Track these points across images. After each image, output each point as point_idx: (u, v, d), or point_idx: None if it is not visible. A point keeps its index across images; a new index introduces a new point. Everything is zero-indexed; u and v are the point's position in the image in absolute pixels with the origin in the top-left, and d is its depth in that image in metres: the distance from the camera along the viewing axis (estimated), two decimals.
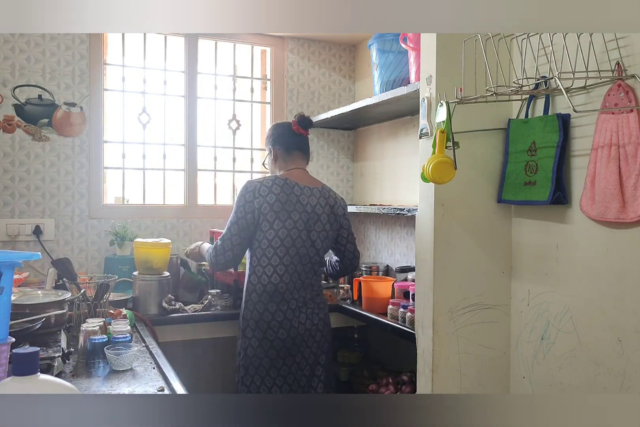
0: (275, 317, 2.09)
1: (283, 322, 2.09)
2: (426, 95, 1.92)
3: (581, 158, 1.70)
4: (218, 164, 3.14)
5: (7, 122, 2.64)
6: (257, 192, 2.09)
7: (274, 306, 2.09)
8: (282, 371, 2.10)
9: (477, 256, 1.94)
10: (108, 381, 1.51)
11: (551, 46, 1.56)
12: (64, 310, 1.93)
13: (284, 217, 2.09)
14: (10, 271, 1.26)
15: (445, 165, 1.69)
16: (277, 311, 2.09)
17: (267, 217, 2.08)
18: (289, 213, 2.10)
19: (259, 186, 2.10)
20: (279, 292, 2.09)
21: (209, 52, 3.12)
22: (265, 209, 2.07)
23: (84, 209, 2.79)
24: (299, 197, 2.13)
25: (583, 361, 1.69)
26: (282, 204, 2.09)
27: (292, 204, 2.11)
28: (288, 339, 2.09)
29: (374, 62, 2.61)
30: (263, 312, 2.09)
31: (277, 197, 2.09)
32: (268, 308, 2.09)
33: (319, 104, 3.28)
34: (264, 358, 2.08)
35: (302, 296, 2.14)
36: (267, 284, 2.09)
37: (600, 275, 1.64)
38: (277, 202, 2.08)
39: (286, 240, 2.09)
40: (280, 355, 2.09)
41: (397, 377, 2.57)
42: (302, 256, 2.13)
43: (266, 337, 2.08)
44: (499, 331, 1.96)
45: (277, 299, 2.09)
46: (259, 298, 2.10)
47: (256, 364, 2.08)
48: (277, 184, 2.12)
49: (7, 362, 1.23)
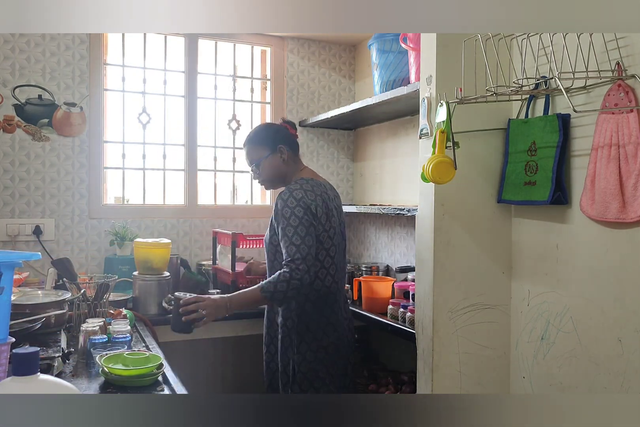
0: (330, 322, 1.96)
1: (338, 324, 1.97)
2: (426, 95, 1.92)
3: (581, 158, 1.70)
4: (218, 164, 3.15)
5: (7, 122, 2.64)
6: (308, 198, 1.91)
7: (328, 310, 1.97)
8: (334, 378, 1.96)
9: (477, 256, 1.94)
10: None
11: (551, 46, 1.56)
12: (64, 310, 1.93)
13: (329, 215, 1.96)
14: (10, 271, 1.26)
15: (445, 165, 1.69)
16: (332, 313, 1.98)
17: (321, 220, 1.92)
18: (330, 211, 1.98)
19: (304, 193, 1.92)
20: (331, 294, 1.97)
21: (209, 52, 3.12)
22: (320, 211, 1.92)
23: (84, 209, 2.79)
24: (328, 193, 2.02)
25: (583, 361, 1.69)
26: (326, 203, 1.96)
27: (328, 201, 1.99)
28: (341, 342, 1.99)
29: (374, 62, 2.61)
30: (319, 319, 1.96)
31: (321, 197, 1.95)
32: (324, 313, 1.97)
33: (319, 104, 3.28)
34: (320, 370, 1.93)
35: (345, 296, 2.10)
36: (321, 289, 1.95)
37: (600, 275, 1.64)
38: (323, 203, 1.94)
39: (335, 238, 1.97)
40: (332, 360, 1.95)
41: (397, 377, 2.57)
42: (342, 253, 2.03)
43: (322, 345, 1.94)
44: (499, 331, 1.96)
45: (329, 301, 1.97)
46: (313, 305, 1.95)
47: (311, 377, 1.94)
48: (313, 185, 1.97)
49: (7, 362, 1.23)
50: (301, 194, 1.90)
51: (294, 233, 1.84)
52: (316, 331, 1.95)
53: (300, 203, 1.88)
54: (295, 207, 1.87)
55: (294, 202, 1.89)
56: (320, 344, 1.94)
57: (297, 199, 1.89)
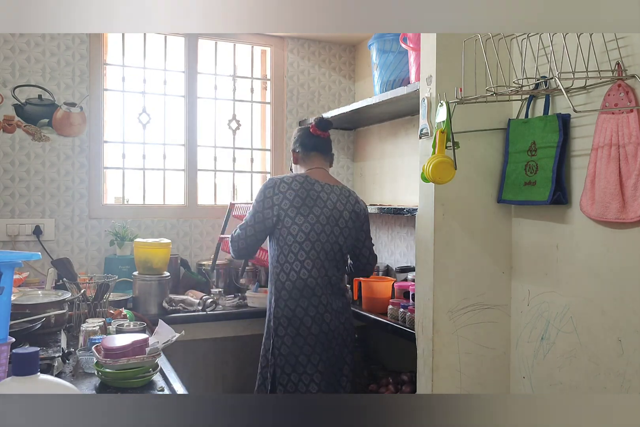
0: (308, 313, 2.07)
1: (315, 317, 2.08)
2: (426, 95, 1.92)
3: (581, 158, 1.70)
4: (218, 164, 3.14)
5: (7, 122, 2.64)
6: (277, 188, 2.11)
7: (306, 301, 2.08)
8: (319, 366, 2.07)
9: (477, 256, 1.94)
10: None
11: (551, 46, 1.56)
12: (64, 310, 1.93)
13: (305, 212, 2.10)
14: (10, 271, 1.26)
15: (445, 165, 1.69)
16: (309, 306, 2.08)
17: (288, 213, 2.09)
18: (310, 208, 2.11)
19: (279, 182, 2.13)
20: (309, 287, 2.09)
21: (209, 52, 3.12)
22: (285, 204, 2.09)
23: (84, 209, 2.79)
24: (319, 193, 2.15)
25: (583, 361, 1.69)
26: (302, 200, 2.11)
27: (313, 199, 2.13)
28: (321, 334, 2.08)
29: (374, 62, 2.61)
30: (295, 309, 2.07)
31: (296, 193, 2.11)
32: (300, 304, 2.08)
33: (319, 104, 3.28)
34: (300, 355, 2.06)
35: (329, 292, 2.14)
36: (296, 280, 2.08)
37: (600, 275, 1.64)
38: (296, 198, 2.11)
39: (311, 234, 2.09)
40: (316, 351, 2.07)
41: (397, 377, 2.57)
42: (327, 252, 2.13)
43: (299, 333, 2.06)
44: (499, 331, 1.96)
45: (307, 294, 2.08)
46: (289, 295, 2.08)
47: (292, 362, 2.05)
48: (297, 180, 2.14)
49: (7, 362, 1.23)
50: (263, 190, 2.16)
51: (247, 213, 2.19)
52: (292, 319, 2.08)
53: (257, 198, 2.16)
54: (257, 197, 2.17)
55: (262, 187, 2.17)
56: (298, 332, 2.07)
57: (259, 193, 2.17)
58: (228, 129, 3.17)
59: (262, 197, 2.13)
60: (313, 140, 2.27)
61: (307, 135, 2.28)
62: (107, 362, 1.43)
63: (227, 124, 3.17)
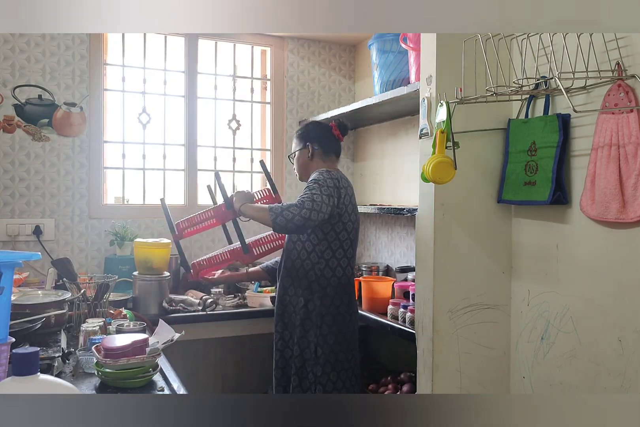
0: (349, 310, 2.11)
1: (353, 314, 2.13)
2: (426, 95, 1.92)
3: (581, 158, 1.70)
4: (218, 164, 3.14)
5: (7, 122, 2.64)
6: (341, 182, 2.09)
7: (347, 298, 2.11)
8: (352, 362, 2.10)
9: (477, 256, 1.94)
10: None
11: (551, 46, 1.56)
12: (64, 310, 1.93)
13: (355, 211, 2.14)
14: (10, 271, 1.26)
15: (445, 165, 1.69)
16: (350, 302, 2.12)
17: (347, 209, 2.09)
18: (354, 206, 2.15)
19: (340, 177, 2.10)
20: (350, 284, 2.14)
21: (209, 52, 3.12)
22: (347, 200, 2.09)
23: (84, 209, 2.79)
24: (354, 192, 2.20)
25: (583, 361, 1.69)
26: (351, 198, 2.13)
27: (354, 198, 2.17)
28: (355, 331, 2.13)
29: (374, 62, 2.61)
30: (340, 306, 2.09)
31: (352, 191, 2.15)
32: (344, 300, 2.10)
33: (319, 104, 3.28)
34: (339, 353, 2.07)
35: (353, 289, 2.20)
36: (342, 277, 2.10)
37: (600, 275, 1.64)
38: (353, 196, 2.14)
39: (352, 233, 2.13)
40: (350, 347, 2.10)
41: (397, 377, 2.57)
42: (355, 250, 2.18)
43: (341, 331, 2.08)
44: (499, 331, 1.96)
45: (349, 291, 2.13)
46: (335, 291, 2.09)
47: (332, 360, 2.05)
48: (345, 178, 2.15)
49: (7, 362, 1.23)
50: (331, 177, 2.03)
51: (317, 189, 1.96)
52: (336, 316, 2.07)
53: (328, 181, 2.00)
54: (325, 180, 2.00)
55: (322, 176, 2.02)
56: (340, 329, 2.07)
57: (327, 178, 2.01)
58: (228, 129, 3.17)
59: (333, 184, 2.01)
60: (336, 144, 2.25)
61: (330, 136, 2.23)
62: (107, 362, 1.43)
63: (227, 124, 3.17)
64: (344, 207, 2.06)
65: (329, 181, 2.01)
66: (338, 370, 2.05)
